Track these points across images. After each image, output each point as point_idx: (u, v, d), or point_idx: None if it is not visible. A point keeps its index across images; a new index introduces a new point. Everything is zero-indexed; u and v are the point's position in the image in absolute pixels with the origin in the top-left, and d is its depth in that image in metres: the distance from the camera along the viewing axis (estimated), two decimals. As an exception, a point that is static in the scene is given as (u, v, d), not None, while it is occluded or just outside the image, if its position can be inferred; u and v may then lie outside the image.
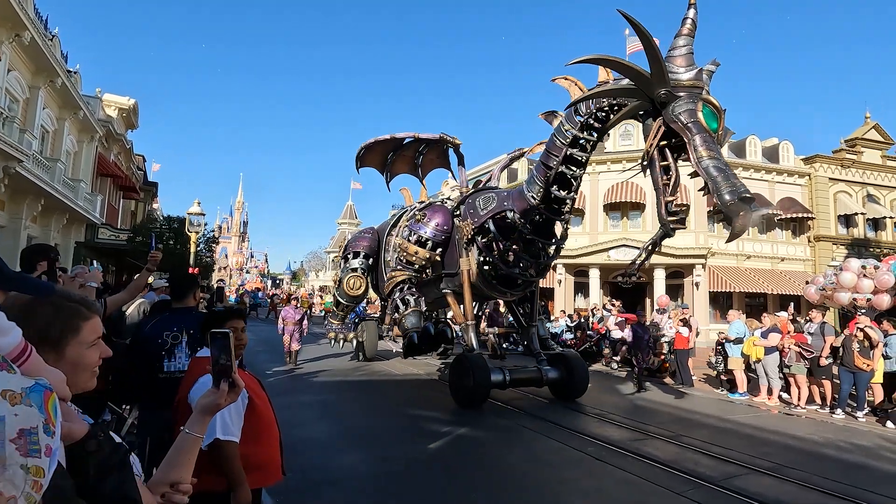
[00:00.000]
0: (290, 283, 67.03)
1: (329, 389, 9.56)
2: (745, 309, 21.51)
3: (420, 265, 9.38)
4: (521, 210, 8.05)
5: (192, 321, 3.39)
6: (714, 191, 5.13)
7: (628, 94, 6.08)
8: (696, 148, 5.33)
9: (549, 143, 7.49)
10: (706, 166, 5.23)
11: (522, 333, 9.84)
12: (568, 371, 8.65)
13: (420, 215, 9.50)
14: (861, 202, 24.43)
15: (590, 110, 6.83)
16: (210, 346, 1.50)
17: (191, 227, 15.74)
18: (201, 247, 23.31)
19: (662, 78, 5.43)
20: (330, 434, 6.52)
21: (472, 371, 7.82)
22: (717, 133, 5.50)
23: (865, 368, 8.34)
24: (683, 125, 5.41)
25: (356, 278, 11.27)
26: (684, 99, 5.47)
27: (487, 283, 8.80)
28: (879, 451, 6.63)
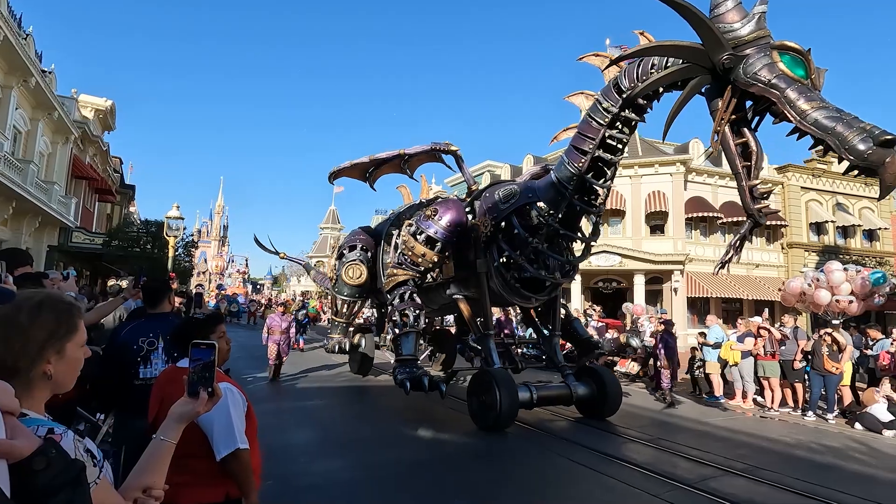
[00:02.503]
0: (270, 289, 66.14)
1: (310, 395, 9.46)
2: (721, 314, 21.96)
3: (426, 267, 8.35)
4: (550, 202, 7.21)
5: (168, 327, 3.34)
6: (839, 146, 4.19)
7: (684, 76, 5.35)
8: (792, 104, 4.44)
9: (581, 126, 6.68)
10: (814, 120, 4.33)
11: (544, 344, 8.77)
12: (599, 386, 7.69)
13: (430, 211, 8.23)
14: (831, 210, 25.25)
15: (634, 84, 5.98)
16: (191, 357, 1.50)
17: (169, 232, 15.45)
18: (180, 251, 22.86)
19: (718, 43, 4.73)
20: (310, 441, 6.46)
21: (497, 389, 6.76)
22: (810, 79, 4.58)
23: (834, 371, 8.62)
24: (766, 83, 4.57)
25: (354, 266, 10.39)
26: (754, 56, 4.67)
27: (509, 287, 7.82)
28: (848, 451, 6.84)
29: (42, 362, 1.12)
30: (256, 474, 2.45)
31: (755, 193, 5.04)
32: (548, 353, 8.64)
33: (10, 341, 1.10)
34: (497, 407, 6.73)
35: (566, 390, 7.67)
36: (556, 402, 7.71)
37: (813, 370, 8.83)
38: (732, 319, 17.52)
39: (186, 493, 2.07)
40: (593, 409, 7.75)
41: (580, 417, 7.92)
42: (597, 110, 6.43)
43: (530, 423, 7.45)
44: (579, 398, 7.70)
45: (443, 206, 8.39)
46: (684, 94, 5.36)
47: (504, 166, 29.43)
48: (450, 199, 9.09)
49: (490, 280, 7.87)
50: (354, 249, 10.80)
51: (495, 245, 7.81)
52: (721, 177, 23.71)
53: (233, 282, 53.77)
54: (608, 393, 7.61)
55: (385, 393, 10.04)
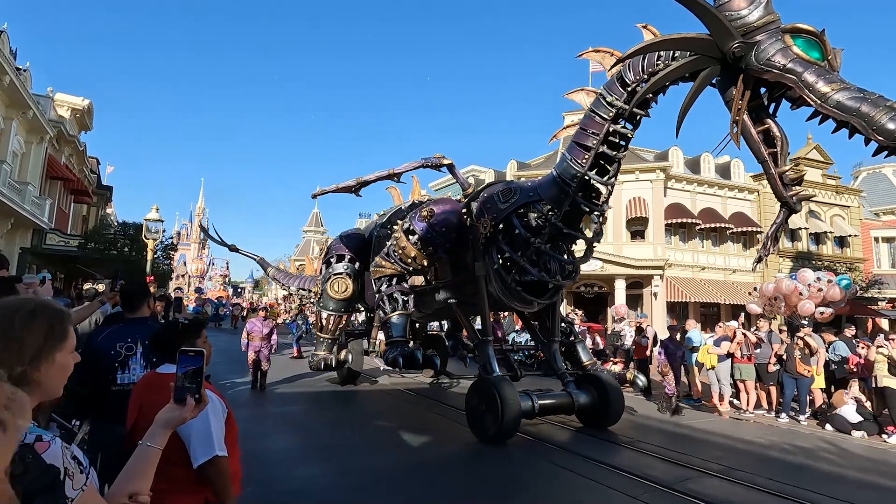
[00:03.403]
0: (252, 292, 65.27)
1: (291, 401, 9.37)
2: (699, 318, 22.42)
3: (415, 268, 8.05)
4: (552, 200, 6.92)
5: (147, 331, 3.30)
6: (865, 127, 3.99)
7: (693, 68, 5.18)
8: (811, 87, 4.26)
9: (584, 121, 6.51)
10: (836, 102, 4.15)
11: (543, 350, 8.45)
12: (601, 395, 7.40)
13: (426, 212, 7.84)
14: (804, 217, 25.98)
15: (640, 77, 5.84)
16: (178, 363, 1.52)
17: (148, 234, 15.16)
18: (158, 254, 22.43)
19: (727, 31, 4.61)
20: (290, 446, 6.40)
21: (499, 399, 6.44)
22: (826, 61, 4.40)
23: (806, 374, 8.88)
24: (782, 69, 4.40)
25: (340, 280, 10.09)
26: (766, 41, 4.53)
27: (509, 291, 7.48)
28: (819, 452, 7.04)
29: (35, 369, 1.13)
30: (236, 481, 2.44)
31: (785, 180, 4.80)
32: (547, 359, 8.30)
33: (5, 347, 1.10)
34: (499, 418, 6.38)
35: (568, 398, 7.37)
36: (557, 410, 7.40)
37: (786, 373, 9.08)
38: (711, 323, 17.90)
39: (166, 501, 2.05)
40: (595, 418, 7.42)
41: (560, 419, 7.96)
42: (600, 105, 6.26)
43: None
44: (581, 406, 7.39)
45: (439, 206, 8.07)
46: (695, 87, 5.17)
47: (488, 171, 29.62)
48: (447, 199, 8.75)
49: (489, 284, 7.51)
50: (342, 260, 10.42)
51: (495, 247, 7.47)
52: (699, 184, 24.30)
53: (213, 285, 52.86)
54: (611, 401, 7.33)
55: (370, 398, 10.02)
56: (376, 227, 10.32)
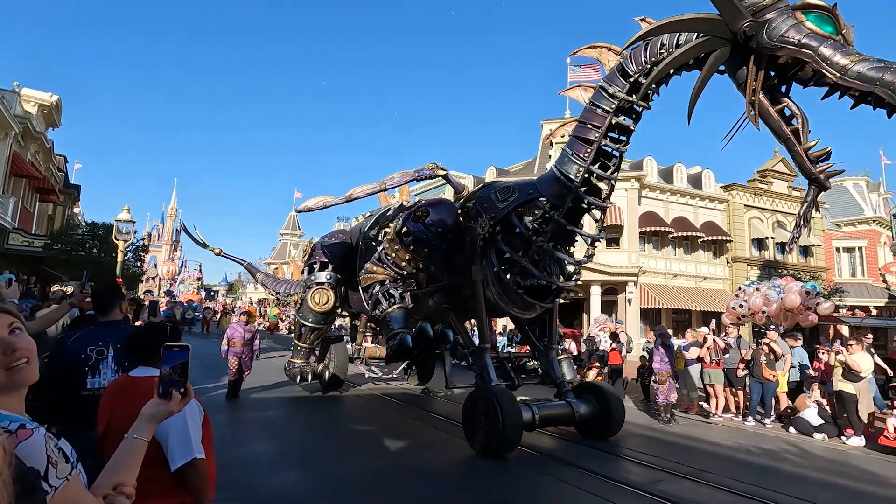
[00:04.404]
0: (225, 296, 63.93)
1: (268, 406, 9.22)
2: (672, 324, 23.00)
3: (409, 271, 7.77)
4: (554, 196, 6.64)
5: (119, 335, 3.24)
6: (892, 95, 3.91)
7: (703, 50, 5.08)
8: (828, 61, 4.18)
9: (585, 115, 6.34)
10: (857, 73, 4.07)
11: (540, 357, 8.16)
12: (601, 405, 7.15)
13: (420, 212, 7.56)
14: (771, 227, 26.96)
15: (642, 67, 5.74)
16: (163, 359, 1.54)
17: (118, 236, 14.74)
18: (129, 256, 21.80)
19: (737, 10, 4.57)
20: (266, 453, 6.31)
21: (499, 410, 6.09)
22: (841, 35, 4.34)
23: (772, 379, 9.20)
24: (797, 44, 4.32)
25: (322, 291, 9.63)
26: (777, 19, 4.47)
27: (508, 295, 7.16)
28: (783, 454, 7.30)
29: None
30: (211, 486, 2.43)
31: (811, 157, 4.66)
32: (544, 367, 7.99)
33: None
34: (499, 430, 6.03)
35: (568, 409, 7.08)
36: (557, 421, 7.13)
37: (752, 377, 9.39)
38: (682, 329, 18.36)
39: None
40: (595, 429, 7.17)
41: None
42: (601, 97, 6.11)
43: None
44: (581, 417, 7.10)
45: (434, 206, 7.73)
46: (705, 72, 5.09)
47: (467, 177, 29.77)
48: (441, 200, 8.47)
49: (486, 288, 7.16)
50: (326, 268, 9.98)
51: (493, 248, 7.12)
52: (672, 193, 24.97)
53: (186, 288, 51.60)
54: (612, 411, 7.08)
55: (353, 404, 9.88)
56: (362, 232, 9.93)
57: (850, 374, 8.29)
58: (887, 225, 26.95)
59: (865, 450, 7.68)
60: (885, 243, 27.42)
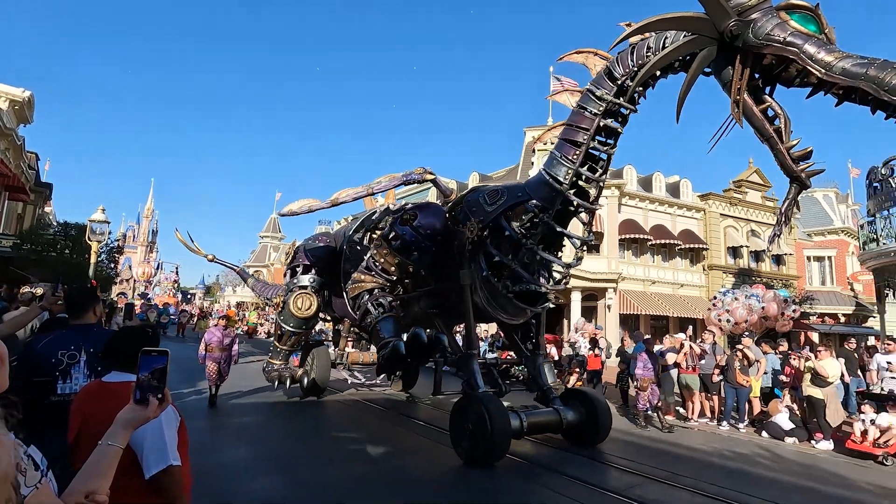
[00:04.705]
0: (203, 299, 62.74)
1: (246, 412, 9.07)
2: (650, 330, 23.37)
3: (399, 276, 7.60)
4: (544, 199, 6.61)
5: (93, 339, 3.17)
6: (877, 89, 3.97)
7: (690, 49, 5.21)
8: (813, 58, 4.29)
9: (573, 118, 6.41)
10: (842, 69, 4.18)
11: (527, 364, 8.01)
12: (588, 411, 7.08)
13: (408, 215, 7.49)
14: (745, 236, 27.67)
15: (629, 70, 5.86)
16: (140, 365, 1.52)
17: (92, 236, 14.34)
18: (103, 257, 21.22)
19: (723, 10, 4.69)
20: (243, 459, 6.22)
21: (488, 417, 5.99)
22: (824, 34, 4.46)
23: (745, 384, 9.43)
24: (782, 42, 4.44)
25: (305, 297, 9.38)
26: (762, 18, 4.61)
27: (496, 300, 7.05)
28: (756, 458, 7.48)
29: None
30: (187, 493, 2.38)
31: (793, 156, 4.77)
32: (531, 373, 7.85)
33: None
34: (487, 437, 5.92)
35: (556, 416, 6.99)
36: (545, 429, 7.06)
37: (726, 383, 9.61)
38: (660, 335, 18.68)
39: (115, 513, 1.98)
40: (582, 436, 7.11)
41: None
42: (589, 100, 6.20)
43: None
44: (569, 424, 7.01)
45: (422, 210, 7.63)
46: (692, 71, 5.22)
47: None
48: (430, 203, 8.33)
49: (474, 293, 7.06)
50: (309, 271, 9.75)
51: (482, 253, 7.01)
52: (651, 201, 25.46)
53: (162, 290, 50.45)
54: (599, 417, 7.03)
55: (334, 410, 9.75)
56: (346, 235, 9.76)
57: (818, 379, 8.54)
58: (855, 235, 27.89)
59: (834, 453, 7.91)
60: (852, 253, 28.36)
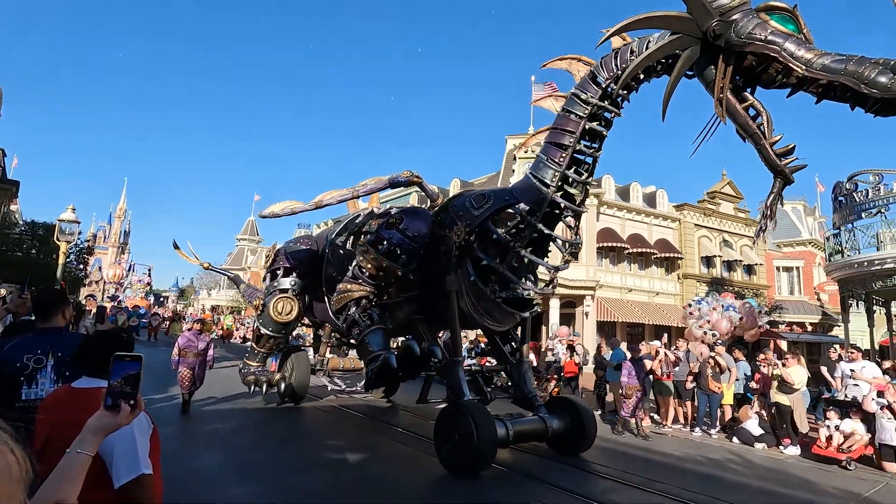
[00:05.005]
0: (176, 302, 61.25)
1: (220, 418, 8.86)
2: (626, 337, 23.73)
3: (387, 282, 7.39)
4: (531, 202, 6.62)
5: (61, 343, 3.08)
6: (856, 83, 4.13)
7: (675, 48, 5.37)
8: (794, 55, 4.48)
9: (558, 121, 6.48)
10: (822, 65, 4.35)
11: (512, 371, 7.84)
12: (574, 419, 7.01)
13: (394, 219, 7.38)
14: (719, 246, 28.43)
15: (613, 74, 6.01)
16: (112, 370, 1.50)
17: (61, 236, 13.91)
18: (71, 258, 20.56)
19: (706, 10, 4.90)
20: (217, 466, 6.09)
21: (474, 426, 5.84)
22: (802, 34, 4.64)
23: (717, 391, 9.65)
24: (764, 40, 4.61)
25: (286, 300, 9.16)
26: (743, 19, 4.79)
27: (484, 305, 6.93)
28: (727, 463, 7.66)
29: None
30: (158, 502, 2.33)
31: (777, 152, 4.89)
32: (515, 381, 7.72)
33: None
34: (474, 447, 5.77)
35: (541, 424, 6.88)
36: (531, 437, 6.92)
37: (699, 389, 9.82)
38: (636, 342, 19.00)
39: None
40: (567, 444, 7.02)
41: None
42: (574, 103, 6.31)
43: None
44: (554, 432, 6.92)
45: (408, 214, 7.52)
46: (677, 69, 5.38)
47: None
48: (416, 208, 8.25)
49: (460, 299, 6.94)
50: (290, 274, 9.52)
51: (469, 257, 6.90)
52: (629, 211, 25.96)
53: (133, 293, 49.07)
54: (585, 425, 6.95)
55: (311, 417, 9.58)
56: (328, 239, 9.59)
57: (784, 386, 8.81)
58: (821, 247, 28.94)
59: (801, 458, 8.15)
60: (819, 264, 29.38)
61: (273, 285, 9.68)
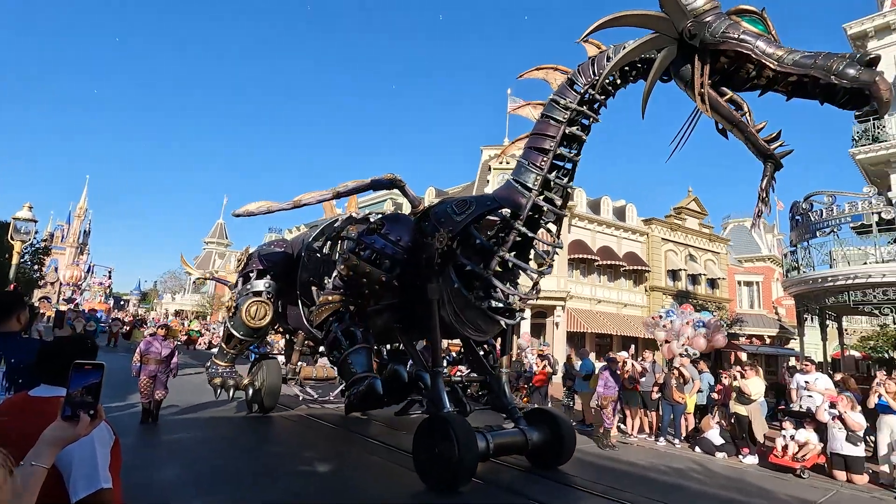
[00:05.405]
0: (137, 306, 59.12)
1: (182, 427, 8.56)
2: (595, 348, 24.16)
3: (371, 290, 7.10)
4: (514, 206, 6.60)
5: (15, 348, 2.95)
6: (826, 75, 4.35)
7: (654, 47, 5.58)
8: (766, 52, 4.71)
9: (539, 127, 6.60)
10: (793, 61, 4.58)
11: (491, 382, 7.68)
12: (553, 432, 6.88)
13: (376, 224, 7.24)
14: (684, 260, 29.35)
15: (591, 80, 6.19)
16: (72, 378, 1.45)
17: (15, 235, 13.25)
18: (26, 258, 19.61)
19: (681, 11, 5.17)
20: (177, 477, 5.87)
21: (455, 439, 5.65)
22: (771, 34, 4.91)
23: (681, 401, 9.92)
24: (737, 39, 4.85)
25: (260, 304, 8.93)
26: (715, 20, 5.03)
27: (467, 313, 6.80)
28: (690, 472, 7.86)
29: None
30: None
31: (765, 138, 5.00)
32: (496, 392, 7.57)
33: None
34: (455, 460, 5.59)
35: (521, 437, 6.73)
36: (511, 450, 6.77)
37: (664, 400, 10.08)
38: (604, 353, 19.36)
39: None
40: (546, 457, 6.90)
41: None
42: (554, 108, 6.45)
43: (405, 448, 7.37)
44: (534, 445, 6.78)
45: (390, 220, 7.36)
46: (656, 67, 5.56)
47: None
48: (398, 214, 8.12)
49: (441, 308, 6.80)
50: (264, 276, 9.27)
51: (452, 264, 6.78)
52: (599, 223, 26.56)
53: (92, 296, 47.05)
54: (564, 438, 6.84)
55: (281, 426, 9.33)
56: (305, 242, 9.32)
57: (742, 397, 9.13)
58: (780, 263, 30.25)
59: (759, 467, 8.44)
60: (777, 279, 30.67)
61: (246, 288, 9.42)
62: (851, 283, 13.48)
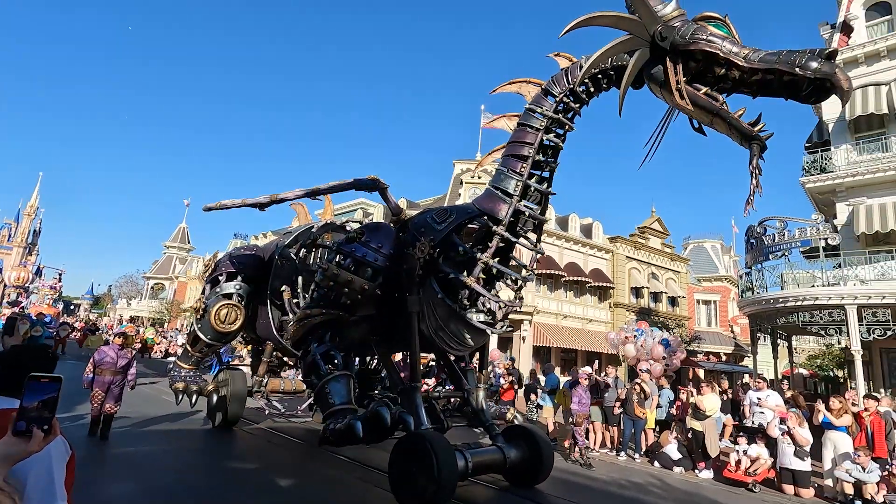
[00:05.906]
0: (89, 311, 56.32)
1: (135, 440, 8.17)
2: (560, 362, 24.56)
3: (353, 300, 6.82)
4: (495, 212, 6.57)
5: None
6: (790, 68, 4.62)
7: (627, 48, 5.82)
8: (732, 52, 5.02)
9: (516, 135, 6.69)
10: (759, 58, 4.88)
11: (470, 398, 7.52)
12: (531, 450, 6.72)
13: (357, 233, 7.02)
14: (647, 278, 30.29)
15: (566, 87, 6.42)
16: (26, 391, 1.40)
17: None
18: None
19: (653, 15, 5.50)
20: (131, 493, 5.61)
21: (434, 458, 5.37)
22: (734, 37, 5.24)
23: (642, 416, 10.19)
24: (706, 40, 5.16)
25: (231, 308, 8.64)
26: (683, 25, 5.35)
27: (449, 325, 6.65)
28: (649, 486, 8.06)
29: None
30: None
31: (748, 122, 5.13)
32: (474, 409, 7.43)
33: None
34: (434, 480, 5.32)
35: (500, 455, 6.56)
36: (489, 468, 6.57)
37: (625, 415, 10.33)
38: (569, 367, 19.69)
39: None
40: (524, 475, 6.73)
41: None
42: (531, 117, 6.59)
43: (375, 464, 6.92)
44: (512, 463, 6.61)
45: (371, 228, 7.19)
46: (631, 66, 5.75)
47: (377, 206, 29.82)
48: (378, 222, 7.97)
49: (421, 321, 6.60)
50: (234, 278, 8.98)
51: (434, 275, 6.63)
52: (567, 240, 27.16)
53: (40, 299, 44.50)
54: (543, 457, 6.69)
55: (244, 440, 8.99)
56: (279, 247, 9.03)
57: (698, 413, 9.46)
58: (736, 283, 31.62)
59: (713, 481, 8.74)
60: (733, 299, 32.01)
61: (215, 290, 9.15)
62: (800, 305, 14.25)
